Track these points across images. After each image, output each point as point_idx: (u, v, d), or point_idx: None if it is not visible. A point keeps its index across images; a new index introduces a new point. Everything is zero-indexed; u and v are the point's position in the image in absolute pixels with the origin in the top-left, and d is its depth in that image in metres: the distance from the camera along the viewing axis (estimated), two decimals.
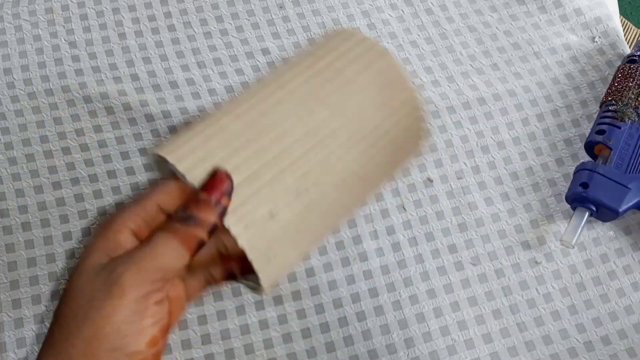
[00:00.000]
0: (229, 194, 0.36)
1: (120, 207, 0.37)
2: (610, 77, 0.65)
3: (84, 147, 0.60)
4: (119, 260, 0.34)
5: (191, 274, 0.40)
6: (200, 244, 0.36)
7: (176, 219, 0.36)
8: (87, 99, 0.62)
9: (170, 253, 0.35)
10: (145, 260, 0.34)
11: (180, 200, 0.37)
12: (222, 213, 0.36)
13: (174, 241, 0.35)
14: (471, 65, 0.66)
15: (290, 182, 0.39)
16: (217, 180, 0.36)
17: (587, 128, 0.63)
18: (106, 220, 0.36)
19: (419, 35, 0.67)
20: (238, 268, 0.41)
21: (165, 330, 0.36)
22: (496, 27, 0.68)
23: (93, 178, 0.59)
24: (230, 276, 0.41)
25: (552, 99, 0.64)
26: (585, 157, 0.61)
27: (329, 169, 0.41)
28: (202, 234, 0.36)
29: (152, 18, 0.67)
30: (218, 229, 0.37)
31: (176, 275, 0.36)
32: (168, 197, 0.38)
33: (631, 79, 0.60)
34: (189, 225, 0.35)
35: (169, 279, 0.35)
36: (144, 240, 0.36)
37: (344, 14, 0.68)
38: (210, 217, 0.36)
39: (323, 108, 0.42)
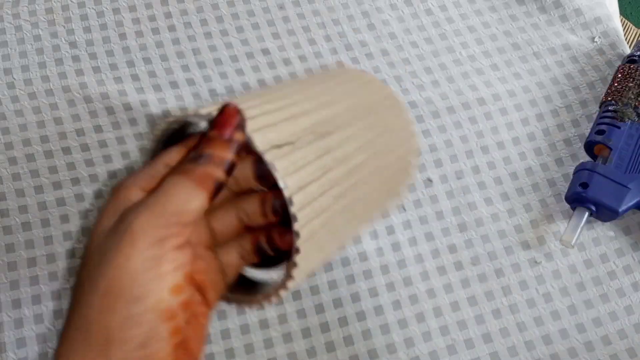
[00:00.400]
0: (242, 128, 0.33)
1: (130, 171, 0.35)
2: (610, 77, 0.65)
3: (84, 147, 0.60)
4: (128, 210, 0.31)
5: (223, 249, 0.37)
6: (218, 185, 0.33)
7: (187, 160, 0.33)
8: (88, 99, 0.62)
9: (184, 194, 0.32)
10: (157, 204, 0.31)
11: None
12: (238, 148, 0.33)
13: (187, 181, 0.32)
14: (471, 65, 0.66)
15: (337, 180, 0.38)
16: (226, 115, 0.33)
17: (586, 128, 0.63)
18: (116, 183, 0.34)
19: (419, 36, 0.67)
20: (264, 239, 0.38)
21: (191, 278, 0.33)
22: (496, 28, 0.68)
23: (93, 178, 0.59)
24: (259, 250, 0.38)
25: (552, 99, 0.64)
26: (585, 157, 0.61)
27: (363, 179, 0.41)
28: (218, 172, 0.33)
29: (152, 18, 0.67)
30: (235, 168, 0.34)
31: (196, 218, 0.33)
32: (177, 155, 0.35)
33: (631, 79, 0.60)
34: (201, 163, 0.32)
35: (187, 223, 0.32)
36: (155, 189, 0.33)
37: (344, 14, 0.68)
38: (225, 154, 0.33)
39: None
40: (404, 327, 0.55)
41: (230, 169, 0.33)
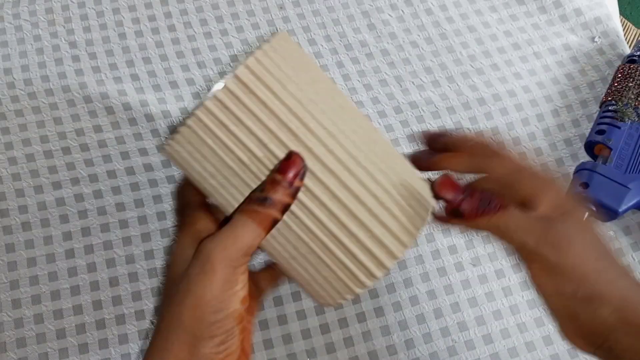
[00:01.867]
0: (302, 175, 0.40)
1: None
2: (610, 77, 0.65)
3: (84, 147, 0.60)
4: (206, 242, 0.39)
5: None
6: (275, 223, 0.40)
7: (253, 200, 0.40)
8: (87, 99, 0.62)
9: (249, 233, 0.39)
10: (228, 241, 0.39)
11: None
12: (295, 193, 0.40)
13: (252, 223, 0.39)
14: (471, 65, 0.66)
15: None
16: (291, 162, 0.39)
17: (587, 128, 0.63)
18: (184, 216, 0.43)
19: (419, 36, 0.67)
20: None
21: (248, 289, 0.41)
22: (496, 28, 0.68)
23: (93, 178, 0.59)
24: None
25: (552, 99, 0.64)
26: (585, 157, 0.61)
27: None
28: (276, 213, 0.39)
29: (152, 18, 0.67)
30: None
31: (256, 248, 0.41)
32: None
33: (631, 79, 0.60)
34: (264, 206, 0.39)
35: (250, 254, 0.40)
36: (227, 221, 0.40)
37: (344, 14, 0.68)
38: (284, 198, 0.39)
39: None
40: (404, 329, 0.55)
41: (285, 210, 0.40)
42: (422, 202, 0.43)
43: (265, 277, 0.49)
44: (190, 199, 0.45)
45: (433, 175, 0.43)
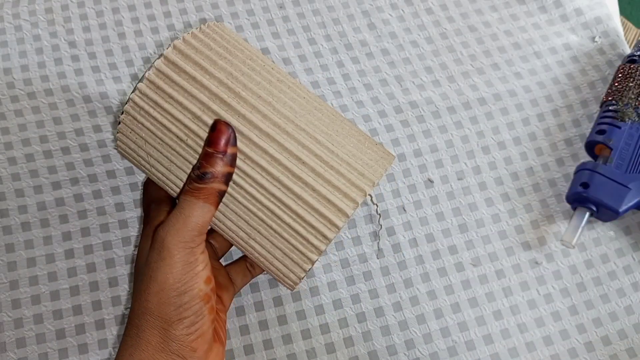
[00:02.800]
0: (233, 141, 0.40)
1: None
2: (611, 77, 0.65)
3: (84, 147, 0.60)
4: (159, 229, 0.40)
5: (233, 263, 0.51)
6: (221, 195, 0.41)
7: (193, 178, 0.40)
8: (87, 99, 0.62)
9: (197, 212, 0.40)
10: (178, 224, 0.40)
11: None
12: (232, 161, 0.40)
13: (197, 200, 0.40)
14: (472, 65, 0.66)
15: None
16: (217, 131, 0.40)
17: (587, 128, 0.63)
18: (150, 211, 0.45)
19: (419, 35, 0.67)
20: None
21: (211, 268, 0.42)
22: (496, 27, 0.68)
23: (92, 178, 0.59)
24: None
25: (553, 99, 0.64)
26: (585, 157, 0.61)
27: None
28: (218, 185, 0.40)
29: (151, 17, 0.67)
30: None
31: (209, 224, 0.42)
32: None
33: (631, 79, 0.60)
34: (205, 181, 0.40)
35: (205, 231, 0.41)
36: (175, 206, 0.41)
37: (344, 13, 0.68)
38: (222, 169, 0.40)
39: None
40: (404, 329, 0.55)
41: (228, 180, 0.41)
42: (371, 161, 0.43)
43: (237, 270, 0.51)
44: (154, 195, 0.46)
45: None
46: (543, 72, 0.65)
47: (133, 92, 0.42)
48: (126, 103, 0.42)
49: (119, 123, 0.42)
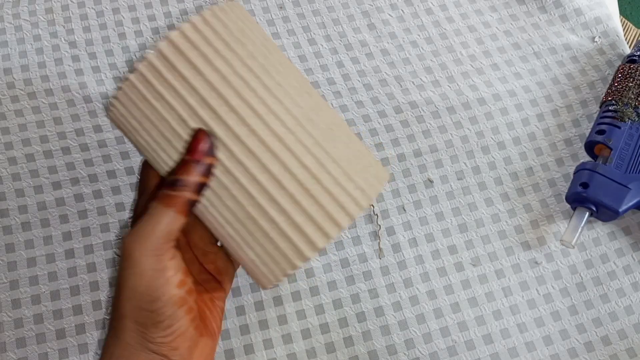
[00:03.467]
0: (211, 152, 0.39)
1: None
2: (610, 77, 0.65)
3: (84, 147, 0.60)
4: (125, 237, 0.40)
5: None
6: (192, 204, 0.40)
7: (164, 185, 0.39)
8: (87, 99, 0.62)
9: (165, 220, 0.39)
10: (145, 232, 0.39)
11: None
12: (207, 171, 0.39)
13: (166, 208, 0.39)
14: (471, 65, 0.66)
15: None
16: (197, 141, 0.39)
17: (587, 128, 0.63)
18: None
19: (419, 35, 0.67)
20: None
21: (187, 271, 0.42)
22: (496, 27, 0.68)
23: (93, 178, 0.59)
24: None
25: (552, 99, 0.64)
26: (585, 157, 0.61)
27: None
28: (189, 195, 0.39)
29: (152, 18, 0.67)
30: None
31: (179, 232, 0.41)
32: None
33: (631, 79, 0.60)
34: (177, 190, 0.39)
35: (173, 238, 0.40)
36: (144, 212, 0.40)
37: (344, 14, 0.68)
38: (197, 178, 0.39)
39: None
40: (404, 328, 0.55)
41: (201, 189, 0.40)
42: (357, 190, 0.41)
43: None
44: (149, 184, 0.44)
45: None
46: (543, 72, 0.65)
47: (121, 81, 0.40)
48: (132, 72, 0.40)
49: (119, 89, 0.41)
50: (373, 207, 0.59)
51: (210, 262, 0.47)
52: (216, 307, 0.46)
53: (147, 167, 0.45)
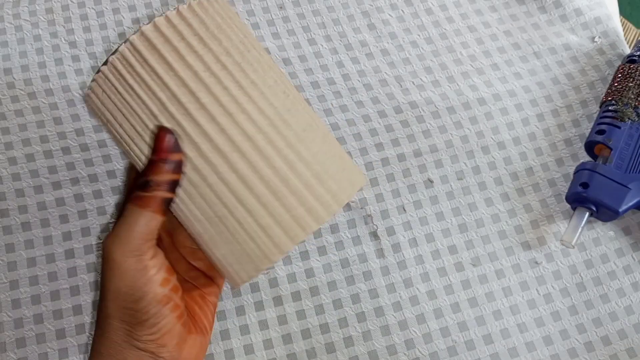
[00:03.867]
0: (177, 148, 0.39)
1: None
2: (610, 77, 0.65)
3: (84, 147, 0.60)
4: (104, 239, 0.40)
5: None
6: (168, 202, 0.40)
7: (137, 186, 0.40)
8: None
9: (142, 220, 0.39)
10: (122, 234, 0.39)
11: None
12: (177, 168, 0.39)
13: (140, 209, 0.39)
14: (471, 65, 0.66)
15: None
16: (161, 139, 0.39)
17: (587, 128, 0.63)
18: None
19: (419, 35, 0.67)
20: None
21: (170, 269, 0.42)
22: (496, 27, 0.68)
23: (93, 178, 0.59)
24: None
25: (552, 99, 0.64)
26: (585, 157, 0.61)
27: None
28: (163, 194, 0.39)
29: (152, 18, 0.67)
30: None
31: (157, 231, 0.41)
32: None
33: (631, 79, 0.60)
34: (150, 191, 0.39)
35: (153, 238, 0.40)
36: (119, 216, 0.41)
37: (344, 14, 0.68)
38: (167, 176, 0.39)
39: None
40: (404, 329, 0.55)
41: (174, 187, 0.40)
42: (328, 194, 0.41)
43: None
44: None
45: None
46: (543, 72, 0.65)
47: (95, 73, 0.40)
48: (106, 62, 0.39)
49: (98, 72, 0.40)
50: (365, 209, 0.59)
51: (199, 259, 0.47)
52: (207, 303, 0.47)
53: (132, 168, 0.45)
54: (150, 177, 0.39)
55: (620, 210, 0.55)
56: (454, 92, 0.64)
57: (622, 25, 0.70)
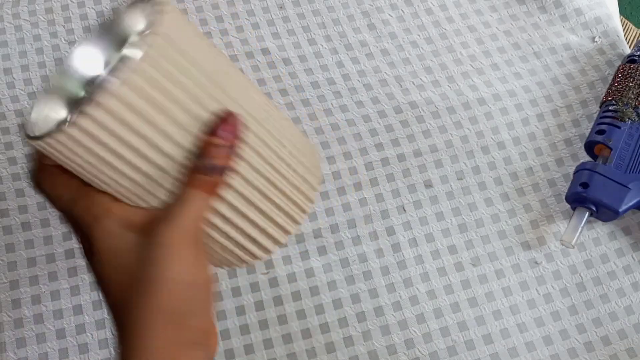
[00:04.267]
0: (239, 133, 0.38)
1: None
2: (610, 77, 0.65)
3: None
4: (161, 227, 0.38)
5: None
6: (220, 187, 0.39)
7: (201, 170, 0.38)
8: None
9: (202, 204, 0.38)
10: (183, 217, 0.38)
11: None
12: (234, 155, 0.38)
13: (203, 193, 0.38)
14: (471, 65, 0.66)
15: None
16: (231, 125, 0.38)
17: (587, 128, 0.63)
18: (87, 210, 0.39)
19: (419, 36, 0.67)
20: None
21: None
22: (496, 27, 0.68)
23: None
24: None
25: (552, 99, 0.64)
26: (585, 157, 0.61)
27: None
28: (222, 179, 0.39)
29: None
30: None
31: None
32: None
33: (631, 79, 0.60)
34: (211, 175, 0.38)
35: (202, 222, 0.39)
36: (173, 199, 0.39)
37: (344, 14, 0.68)
38: (228, 163, 0.38)
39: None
40: (404, 328, 0.55)
41: (229, 171, 0.39)
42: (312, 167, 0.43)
43: None
44: (64, 188, 0.40)
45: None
46: (543, 72, 0.65)
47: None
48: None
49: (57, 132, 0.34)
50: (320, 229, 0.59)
51: None
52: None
53: (48, 176, 0.40)
54: (216, 161, 0.38)
55: (620, 210, 0.55)
56: (453, 92, 0.64)
57: (622, 25, 0.70)
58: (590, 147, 0.60)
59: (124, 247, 0.38)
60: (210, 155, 0.38)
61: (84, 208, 0.38)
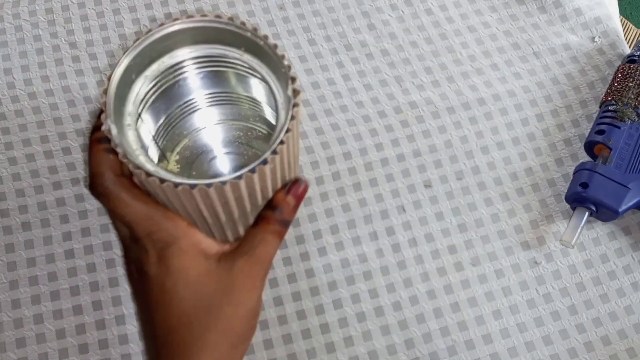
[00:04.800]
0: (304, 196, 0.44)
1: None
2: (610, 77, 0.65)
3: (84, 147, 0.60)
4: (240, 256, 0.42)
5: None
6: None
7: (278, 222, 0.43)
8: (88, 100, 0.62)
9: (275, 248, 0.43)
10: (262, 255, 0.42)
11: None
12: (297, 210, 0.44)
13: (278, 240, 0.43)
14: (471, 65, 0.66)
15: None
16: (303, 191, 0.44)
17: (586, 128, 0.63)
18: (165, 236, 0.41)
19: (419, 36, 0.67)
20: None
21: None
22: (496, 28, 0.68)
23: None
24: None
25: (552, 99, 0.64)
26: (585, 157, 0.61)
27: None
28: (287, 229, 0.44)
29: (152, 19, 0.67)
30: None
31: None
32: None
33: (631, 79, 0.60)
34: (285, 226, 0.44)
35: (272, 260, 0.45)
36: (251, 238, 0.43)
37: (344, 14, 0.68)
38: (293, 216, 0.44)
39: None
40: (404, 328, 0.55)
41: None
42: None
43: None
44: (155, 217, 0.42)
45: None
46: (542, 73, 0.65)
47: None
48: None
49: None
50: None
51: None
52: None
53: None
54: (291, 216, 0.44)
55: (620, 210, 0.55)
56: (453, 93, 0.64)
57: (622, 25, 0.70)
58: (590, 147, 0.60)
59: (200, 269, 0.41)
60: (283, 209, 0.43)
61: (163, 227, 0.41)
